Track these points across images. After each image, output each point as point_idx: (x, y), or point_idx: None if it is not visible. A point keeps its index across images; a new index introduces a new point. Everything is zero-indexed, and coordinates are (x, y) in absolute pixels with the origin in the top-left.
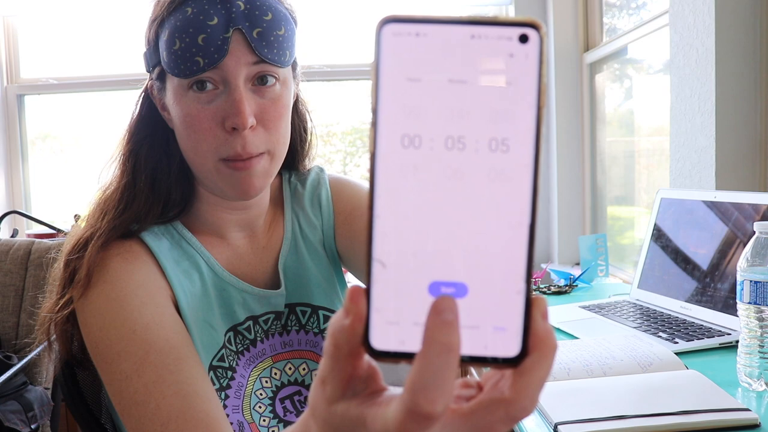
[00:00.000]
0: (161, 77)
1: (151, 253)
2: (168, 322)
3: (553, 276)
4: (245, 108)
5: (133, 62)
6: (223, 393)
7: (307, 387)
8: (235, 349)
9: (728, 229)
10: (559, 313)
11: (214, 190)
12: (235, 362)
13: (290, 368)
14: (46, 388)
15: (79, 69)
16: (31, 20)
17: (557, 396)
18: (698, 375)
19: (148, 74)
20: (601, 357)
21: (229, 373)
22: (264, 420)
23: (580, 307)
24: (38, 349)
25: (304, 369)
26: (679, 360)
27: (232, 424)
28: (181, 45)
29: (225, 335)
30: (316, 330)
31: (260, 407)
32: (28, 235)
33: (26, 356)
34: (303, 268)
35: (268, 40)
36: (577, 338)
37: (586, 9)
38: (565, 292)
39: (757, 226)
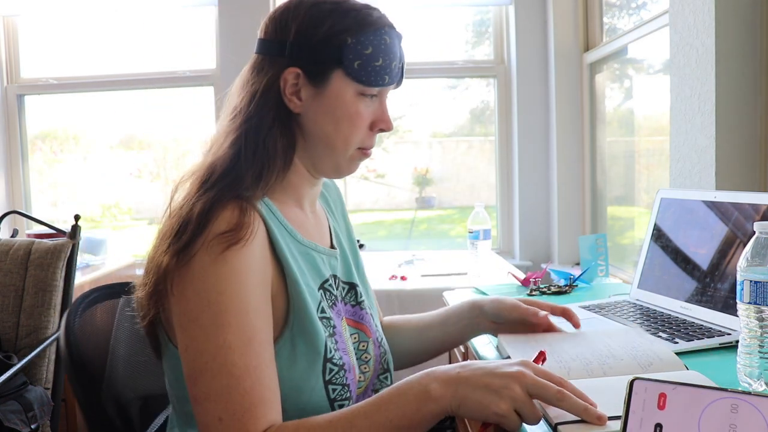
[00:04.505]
0: (324, 73)
1: (264, 222)
2: (267, 313)
3: (553, 276)
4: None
5: (132, 62)
6: (333, 339)
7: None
8: (328, 304)
9: (728, 229)
10: None
11: (328, 167)
12: (330, 313)
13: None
14: (46, 388)
15: (79, 69)
16: (31, 20)
17: None
18: (699, 375)
19: (289, 61)
20: (602, 356)
21: (331, 322)
22: (357, 365)
23: (580, 307)
24: (38, 349)
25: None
26: (680, 360)
27: (344, 364)
28: (383, 63)
29: (319, 291)
30: (353, 303)
31: (354, 353)
32: (28, 235)
33: (26, 356)
34: (342, 248)
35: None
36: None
37: (586, 9)
38: (565, 292)
39: (757, 226)
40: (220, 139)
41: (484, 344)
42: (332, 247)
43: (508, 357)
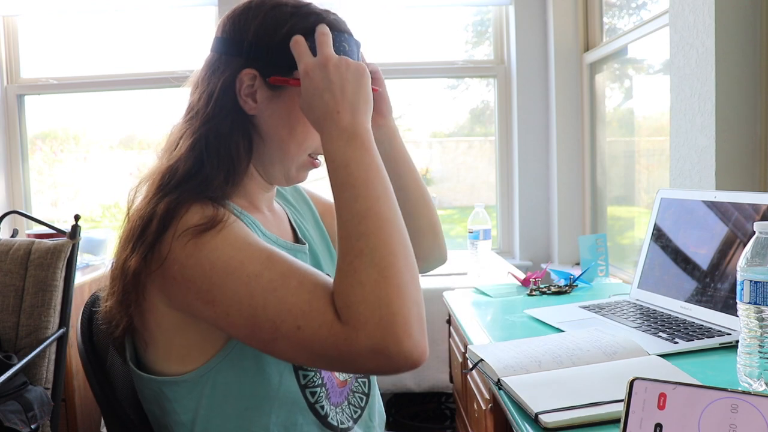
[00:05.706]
0: (280, 75)
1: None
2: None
3: (553, 276)
4: None
5: (133, 62)
6: None
7: None
8: None
9: (728, 229)
10: (559, 313)
11: (279, 173)
12: None
13: None
14: (46, 388)
15: (79, 69)
16: (31, 20)
17: (533, 387)
18: (662, 360)
19: (246, 61)
20: (569, 349)
21: None
22: None
23: (580, 307)
24: (38, 349)
25: None
26: (641, 346)
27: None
28: None
29: None
30: None
31: None
32: (28, 235)
33: (26, 356)
34: (311, 241)
35: None
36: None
37: (586, 9)
38: (565, 292)
39: (757, 226)
40: (176, 140)
41: (477, 335)
42: (297, 241)
43: (481, 360)
